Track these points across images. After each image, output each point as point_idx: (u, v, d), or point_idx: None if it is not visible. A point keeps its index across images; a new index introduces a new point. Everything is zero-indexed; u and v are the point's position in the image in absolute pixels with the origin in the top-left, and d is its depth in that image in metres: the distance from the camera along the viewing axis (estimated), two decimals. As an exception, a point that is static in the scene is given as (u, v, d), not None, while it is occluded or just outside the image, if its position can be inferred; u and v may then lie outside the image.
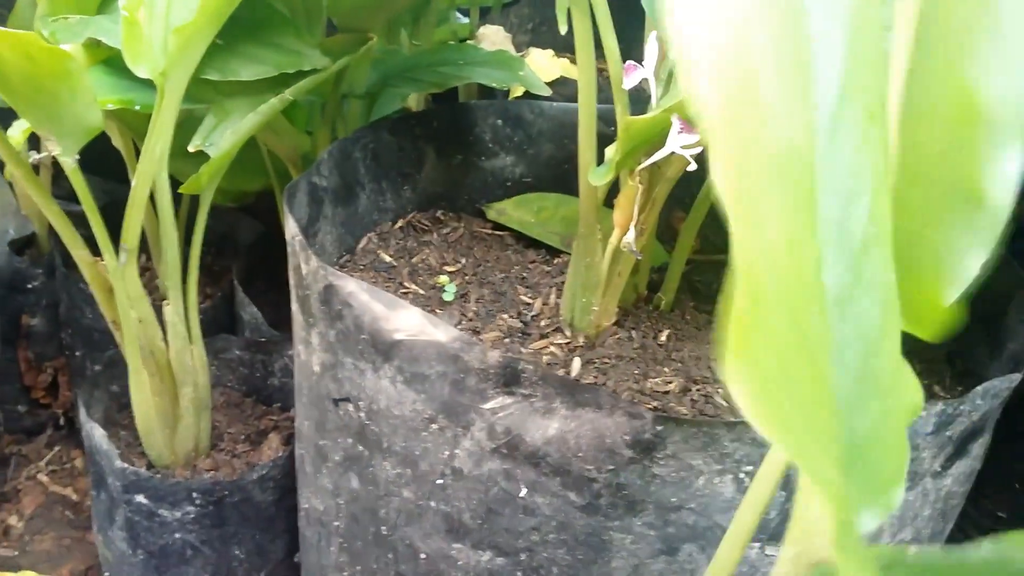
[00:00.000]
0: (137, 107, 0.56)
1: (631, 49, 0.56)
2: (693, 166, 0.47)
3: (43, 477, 1.02)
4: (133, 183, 0.57)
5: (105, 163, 0.78)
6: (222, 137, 0.60)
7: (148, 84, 0.58)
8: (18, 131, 0.61)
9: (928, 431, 0.42)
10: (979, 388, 0.43)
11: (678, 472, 0.42)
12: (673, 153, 0.47)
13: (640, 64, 0.52)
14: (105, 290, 0.62)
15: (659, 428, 0.41)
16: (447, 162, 0.74)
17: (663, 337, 0.58)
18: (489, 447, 0.45)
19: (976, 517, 0.70)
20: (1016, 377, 0.45)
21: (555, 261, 0.68)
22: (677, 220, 0.72)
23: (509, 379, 0.43)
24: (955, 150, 0.24)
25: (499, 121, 0.75)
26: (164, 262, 0.63)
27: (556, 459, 0.43)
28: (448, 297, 0.63)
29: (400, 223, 0.72)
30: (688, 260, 0.70)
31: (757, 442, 0.41)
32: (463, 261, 0.69)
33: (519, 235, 0.73)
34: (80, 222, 1.07)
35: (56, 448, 1.06)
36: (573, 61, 0.93)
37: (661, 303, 0.61)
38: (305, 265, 0.52)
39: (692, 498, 0.43)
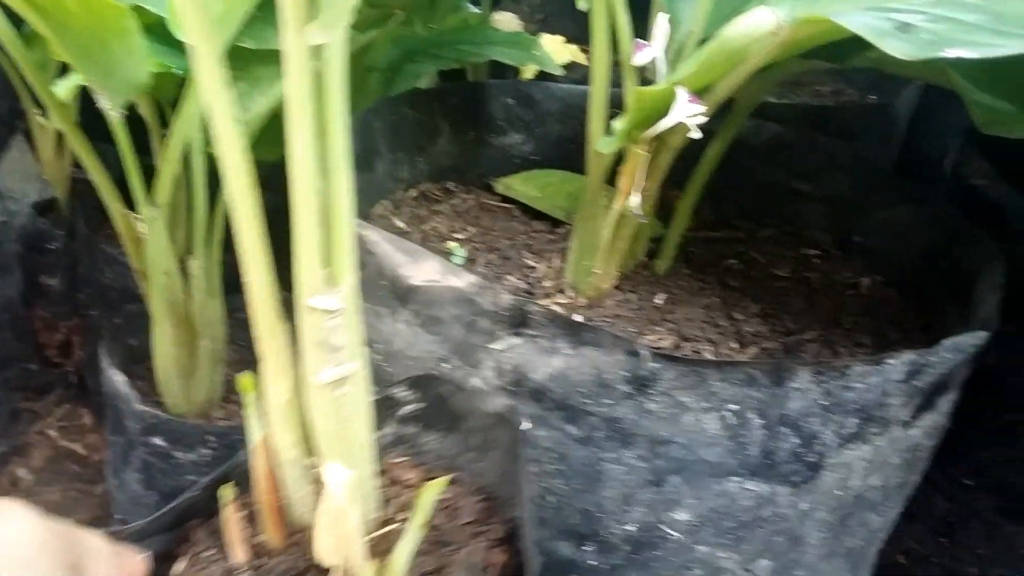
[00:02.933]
0: (179, 71, 0.60)
1: (637, 32, 0.60)
2: (697, 135, 0.51)
3: (52, 432, 1.06)
4: (167, 143, 0.61)
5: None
6: (253, 102, 0.64)
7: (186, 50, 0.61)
8: (64, 88, 0.64)
9: (899, 379, 0.47)
10: (947, 342, 0.47)
11: (669, 408, 0.46)
12: (679, 123, 0.51)
13: (648, 43, 0.56)
14: (135, 242, 0.65)
15: (654, 365, 0.45)
16: (460, 137, 0.78)
17: (658, 299, 0.63)
18: (496, 384, 0.49)
19: (944, 484, 0.74)
20: (982, 335, 0.49)
21: (559, 231, 0.72)
22: (672, 198, 0.76)
23: (518, 321, 0.47)
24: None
25: (511, 100, 0.79)
26: (193, 219, 0.67)
27: (558, 394, 0.47)
28: (457, 260, 0.67)
29: (413, 192, 0.76)
30: (683, 235, 0.75)
31: (742, 382, 0.45)
32: (471, 229, 0.73)
33: (525, 208, 0.77)
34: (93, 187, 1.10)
35: (66, 406, 1.09)
36: (583, 50, 0.97)
37: (658, 269, 0.65)
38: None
39: (680, 433, 0.47)
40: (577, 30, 1.16)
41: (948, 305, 0.61)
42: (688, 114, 0.51)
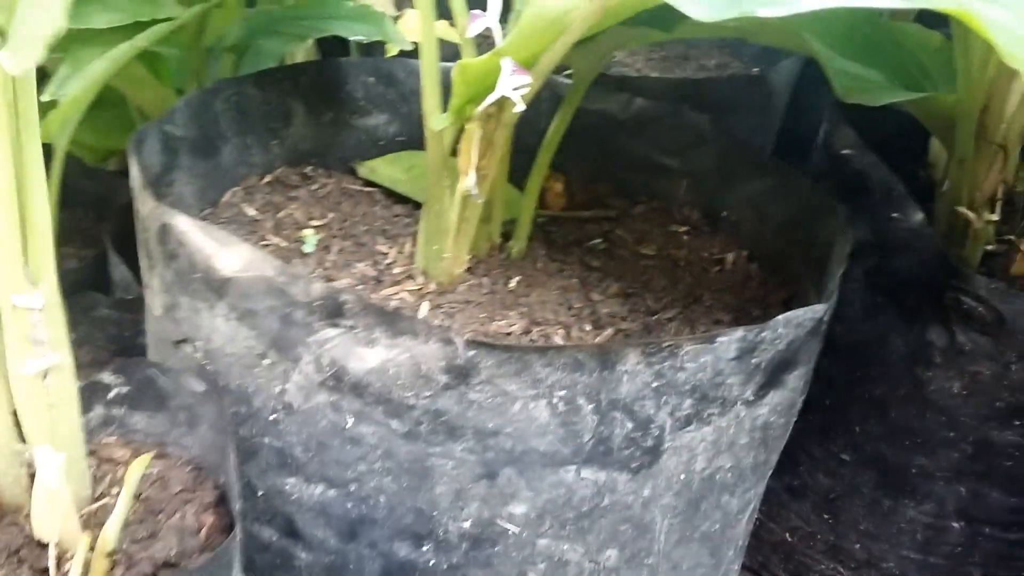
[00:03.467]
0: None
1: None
2: (521, 107, 0.49)
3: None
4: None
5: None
6: (68, 85, 0.59)
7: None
8: None
9: (731, 356, 0.45)
10: (780, 317, 0.46)
11: (494, 398, 0.44)
12: (504, 97, 0.49)
13: (483, 13, 0.53)
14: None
15: (470, 353, 0.42)
16: (317, 119, 0.74)
17: (512, 283, 0.60)
18: (317, 380, 0.46)
19: (823, 458, 0.73)
20: (819, 308, 0.48)
21: (418, 214, 0.69)
22: (551, 181, 0.74)
23: (332, 311, 0.44)
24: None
25: (371, 79, 0.76)
26: None
27: (378, 388, 0.44)
28: (308, 249, 0.64)
29: (267, 178, 0.72)
30: (554, 216, 0.72)
31: (569, 368, 0.43)
32: (330, 216, 0.69)
33: (390, 192, 0.73)
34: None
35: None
36: (452, 25, 0.93)
37: (513, 251, 0.63)
38: (143, 207, 0.52)
39: (508, 423, 0.44)
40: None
41: (806, 279, 0.60)
42: (513, 86, 0.48)
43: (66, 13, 0.34)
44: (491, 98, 0.49)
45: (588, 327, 0.57)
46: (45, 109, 0.61)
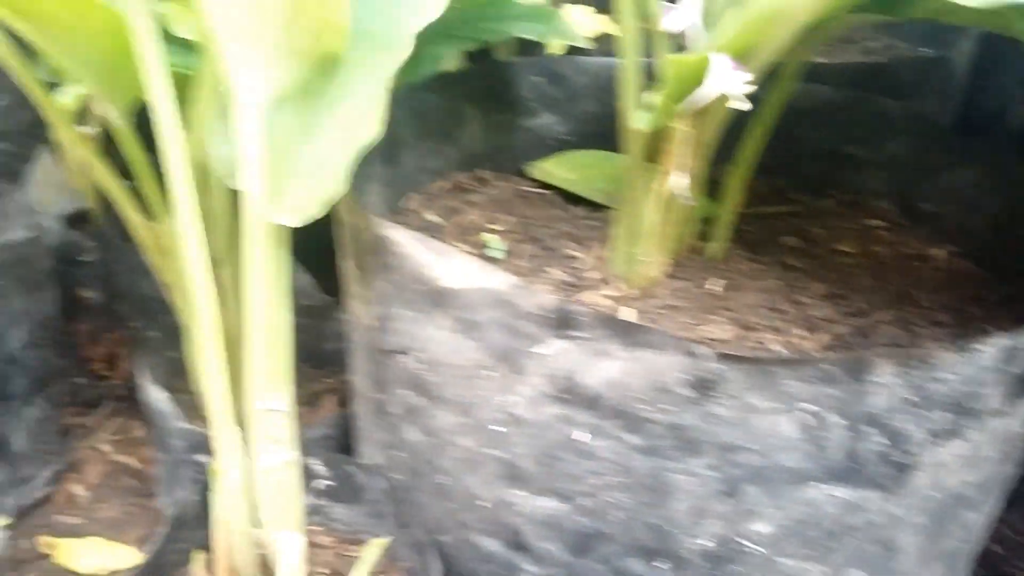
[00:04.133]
0: (188, 71, 0.57)
1: None
2: (747, 106, 0.46)
3: (105, 447, 1.05)
4: (167, 153, 0.58)
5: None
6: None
7: (190, 48, 0.58)
8: (70, 96, 0.62)
9: (990, 365, 0.42)
10: (1047, 321, 0.42)
11: (738, 412, 0.42)
12: (721, 93, 0.47)
13: (678, 5, 0.51)
14: (160, 254, 0.63)
15: (717, 366, 0.40)
16: (490, 122, 0.74)
17: (714, 286, 0.58)
18: (546, 392, 0.45)
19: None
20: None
21: (599, 215, 0.68)
22: (721, 173, 0.71)
23: (563, 323, 0.43)
24: None
25: (540, 79, 0.75)
26: (215, 226, 0.64)
27: (613, 401, 0.43)
28: (495, 254, 0.64)
29: (445, 183, 0.72)
30: (740, 213, 0.70)
31: (817, 380, 0.41)
32: (509, 219, 0.69)
33: (564, 193, 0.73)
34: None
35: (117, 419, 1.08)
36: (614, 20, 0.91)
37: (711, 253, 0.61)
38: (358, 220, 0.52)
39: (753, 438, 0.42)
40: (604, 2, 1.11)
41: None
42: (731, 82, 0.46)
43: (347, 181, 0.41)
44: (706, 95, 0.47)
45: (801, 331, 0.55)
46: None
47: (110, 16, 0.44)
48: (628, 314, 0.55)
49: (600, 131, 0.76)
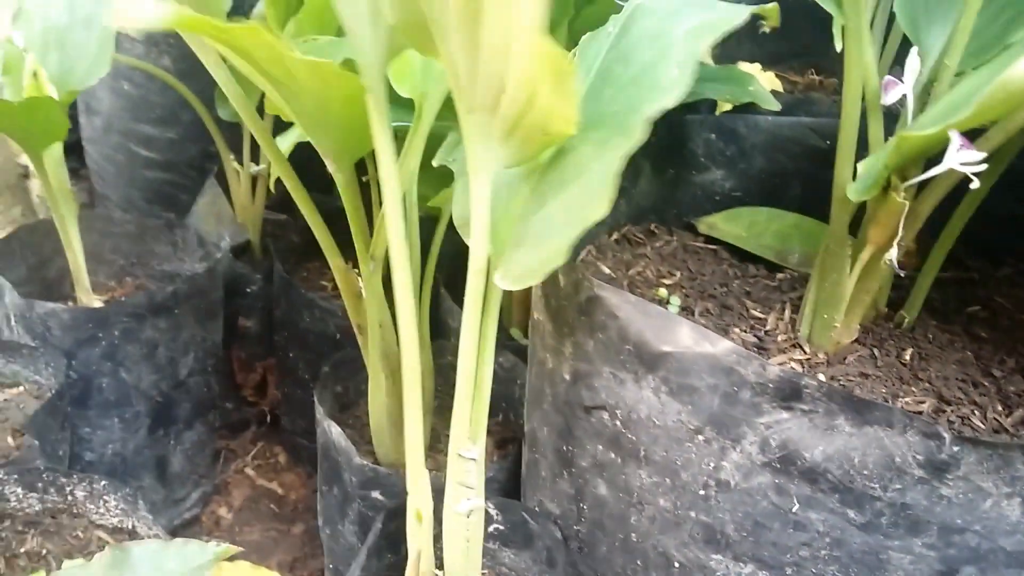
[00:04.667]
0: (400, 125, 0.60)
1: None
2: (975, 184, 0.46)
3: (250, 471, 1.10)
4: (386, 199, 0.61)
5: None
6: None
7: (403, 105, 0.61)
8: (287, 143, 0.66)
9: None
10: None
11: (966, 493, 0.42)
12: (950, 169, 0.47)
13: (900, 80, 0.52)
14: (354, 296, 0.66)
15: (955, 449, 0.40)
16: (661, 176, 0.75)
17: (906, 355, 0.58)
18: (760, 461, 0.46)
19: None
20: None
21: (777, 276, 0.68)
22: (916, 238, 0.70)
23: (789, 394, 0.44)
24: None
25: (713, 135, 0.76)
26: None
27: (836, 476, 0.43)
28: (672, 310, 0.64)
29: (615, 236, 0.74)
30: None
31: (1055, 467, 0.40)
32: (678, 274, 0.70)
33: (732, 249, 0.73)
34: (283, 230, 1.12)
35: (260, 444, 1.13)
36: (778, 75, 0.92)
37: (903, 321, 0.60)
38: (564, 277, 0.54)
39: (977, 520, 0.42)
40: (760, 53, 1.11)
41: None
42: (961, 160, 0.46)
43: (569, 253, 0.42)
44: (937, 170, 0.47)
45: (999, 407, 0.54)
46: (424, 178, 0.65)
47: (353, 85, 0.47)
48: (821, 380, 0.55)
49: (768, 188, 0.76)
